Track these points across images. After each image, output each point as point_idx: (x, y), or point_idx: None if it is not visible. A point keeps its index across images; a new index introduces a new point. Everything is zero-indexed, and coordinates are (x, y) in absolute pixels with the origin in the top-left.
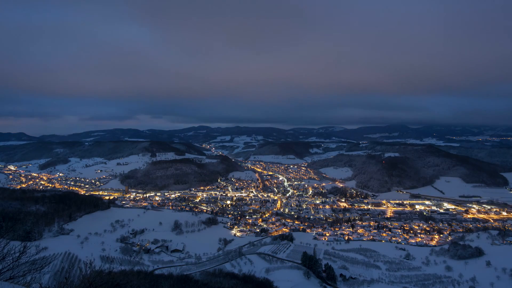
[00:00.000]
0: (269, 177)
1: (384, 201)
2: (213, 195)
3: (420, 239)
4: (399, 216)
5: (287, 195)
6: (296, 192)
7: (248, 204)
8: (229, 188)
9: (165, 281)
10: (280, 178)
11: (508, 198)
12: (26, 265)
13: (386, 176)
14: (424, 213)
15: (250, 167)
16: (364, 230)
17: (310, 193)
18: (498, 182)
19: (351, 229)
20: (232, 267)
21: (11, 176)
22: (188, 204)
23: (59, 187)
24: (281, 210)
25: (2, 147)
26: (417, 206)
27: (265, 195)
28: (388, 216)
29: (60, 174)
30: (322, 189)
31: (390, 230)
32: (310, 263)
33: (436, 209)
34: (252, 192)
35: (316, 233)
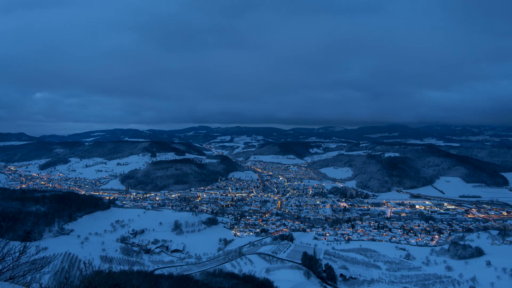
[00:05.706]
0: (269, 177)
1: (384, 201)
2: (213, 195)
3: (420, 239)
4: (399, 216)
5: (287, 195)
6: (296, 192)
7: (248, 204)
8: (229, 188)
9: (165, 281)
10: (280, 178)
11: (508, 198)
12: (26, 265)
13: (386, 176)
14: (424, 213)
15: (250, 167)
16: (364, 230)
17: (310, 193)
18: (498, 182)
19: (351, 229)
20: (232, 267)
21: (11, 176)
22: (188, 204)
23: (59, 187)
24: (281, 210)
25: (2, 147)
26: (417, 206)
27: (265, 195)
28: (388, 216)
29: (60, 174)
30: (322, 189)
31: (390, 230)
32: (310, 263)
33: (436, 209)
34: (252, 192)
35: (316, 233)
